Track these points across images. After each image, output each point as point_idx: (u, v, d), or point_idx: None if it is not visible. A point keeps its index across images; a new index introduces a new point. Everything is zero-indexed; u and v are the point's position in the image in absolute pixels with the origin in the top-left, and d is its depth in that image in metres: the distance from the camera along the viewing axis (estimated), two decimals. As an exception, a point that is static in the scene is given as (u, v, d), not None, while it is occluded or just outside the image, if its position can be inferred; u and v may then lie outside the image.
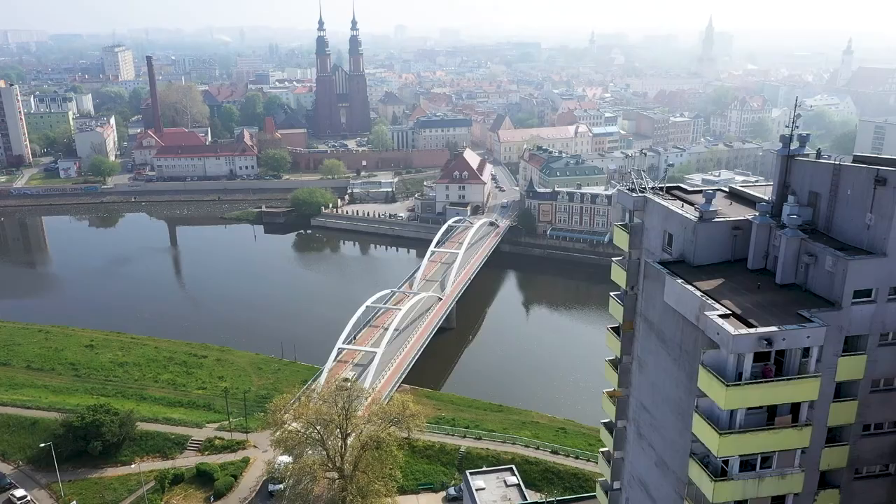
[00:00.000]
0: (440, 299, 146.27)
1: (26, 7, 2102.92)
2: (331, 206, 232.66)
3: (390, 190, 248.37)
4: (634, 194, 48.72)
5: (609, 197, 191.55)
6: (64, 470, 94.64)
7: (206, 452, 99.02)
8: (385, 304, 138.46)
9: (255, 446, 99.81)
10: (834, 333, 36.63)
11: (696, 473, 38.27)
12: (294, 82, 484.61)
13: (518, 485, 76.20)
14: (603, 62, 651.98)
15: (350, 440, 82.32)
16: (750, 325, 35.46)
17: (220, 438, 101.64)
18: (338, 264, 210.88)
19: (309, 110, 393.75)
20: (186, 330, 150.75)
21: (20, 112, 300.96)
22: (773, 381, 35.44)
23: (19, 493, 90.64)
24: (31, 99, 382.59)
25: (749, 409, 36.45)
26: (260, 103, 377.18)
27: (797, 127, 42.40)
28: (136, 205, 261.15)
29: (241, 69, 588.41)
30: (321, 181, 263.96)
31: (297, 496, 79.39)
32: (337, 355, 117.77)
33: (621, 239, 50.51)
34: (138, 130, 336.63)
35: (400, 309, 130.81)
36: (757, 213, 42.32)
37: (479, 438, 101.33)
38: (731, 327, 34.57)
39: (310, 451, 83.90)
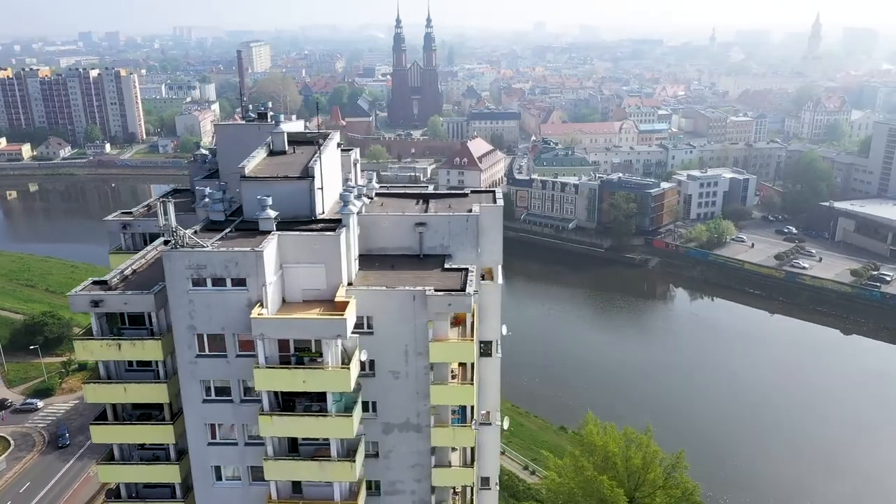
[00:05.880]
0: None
1: (209, 6, 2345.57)
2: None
3: (413, 174, 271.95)
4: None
5: (577, 186, 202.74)
6: (17, 355, 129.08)
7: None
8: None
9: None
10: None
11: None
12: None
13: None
14: (718, 60, 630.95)
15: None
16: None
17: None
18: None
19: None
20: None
21: (136, 97, 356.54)
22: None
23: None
24: (163, 87, 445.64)
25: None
26: (346, 94, 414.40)
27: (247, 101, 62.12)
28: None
29: (360, 63, 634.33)
30: (366, 164, 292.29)
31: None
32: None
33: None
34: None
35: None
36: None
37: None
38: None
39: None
